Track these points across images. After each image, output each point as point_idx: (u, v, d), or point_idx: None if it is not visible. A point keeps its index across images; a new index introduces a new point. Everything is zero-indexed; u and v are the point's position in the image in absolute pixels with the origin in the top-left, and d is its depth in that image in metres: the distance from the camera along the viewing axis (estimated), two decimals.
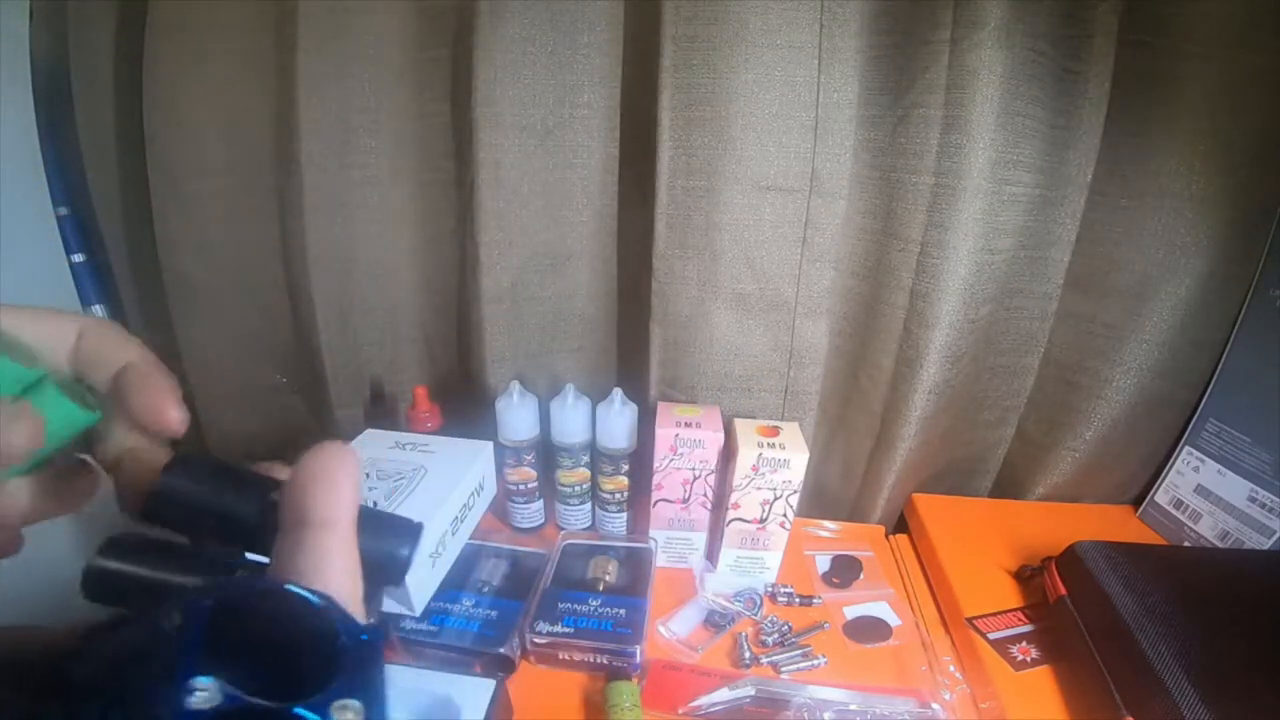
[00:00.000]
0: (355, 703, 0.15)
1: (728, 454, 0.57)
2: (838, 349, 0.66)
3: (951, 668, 0.51)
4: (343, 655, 0.15)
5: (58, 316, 0.22)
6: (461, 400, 0.71)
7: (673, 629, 0.54)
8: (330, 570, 0.17)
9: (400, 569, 0.21)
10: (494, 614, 0.51)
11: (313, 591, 0.16)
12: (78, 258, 0.71)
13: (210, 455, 0.21)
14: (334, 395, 0.72)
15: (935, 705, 0.47)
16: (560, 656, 0.50)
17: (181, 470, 0.20)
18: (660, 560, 0.60)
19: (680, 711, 0.47)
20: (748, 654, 0.52)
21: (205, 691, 0.13)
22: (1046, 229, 0.60)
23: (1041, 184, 0.57)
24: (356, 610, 0.17)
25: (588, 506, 0.64)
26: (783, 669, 0.51)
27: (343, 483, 0.19)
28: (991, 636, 0.52)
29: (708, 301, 0.62)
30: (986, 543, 0.62)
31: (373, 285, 0.69)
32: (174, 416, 0.21)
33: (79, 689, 0.14)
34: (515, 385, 0.60)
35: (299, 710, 0.14)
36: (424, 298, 0.71)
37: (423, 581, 0.49)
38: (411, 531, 0.22)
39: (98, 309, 0.73)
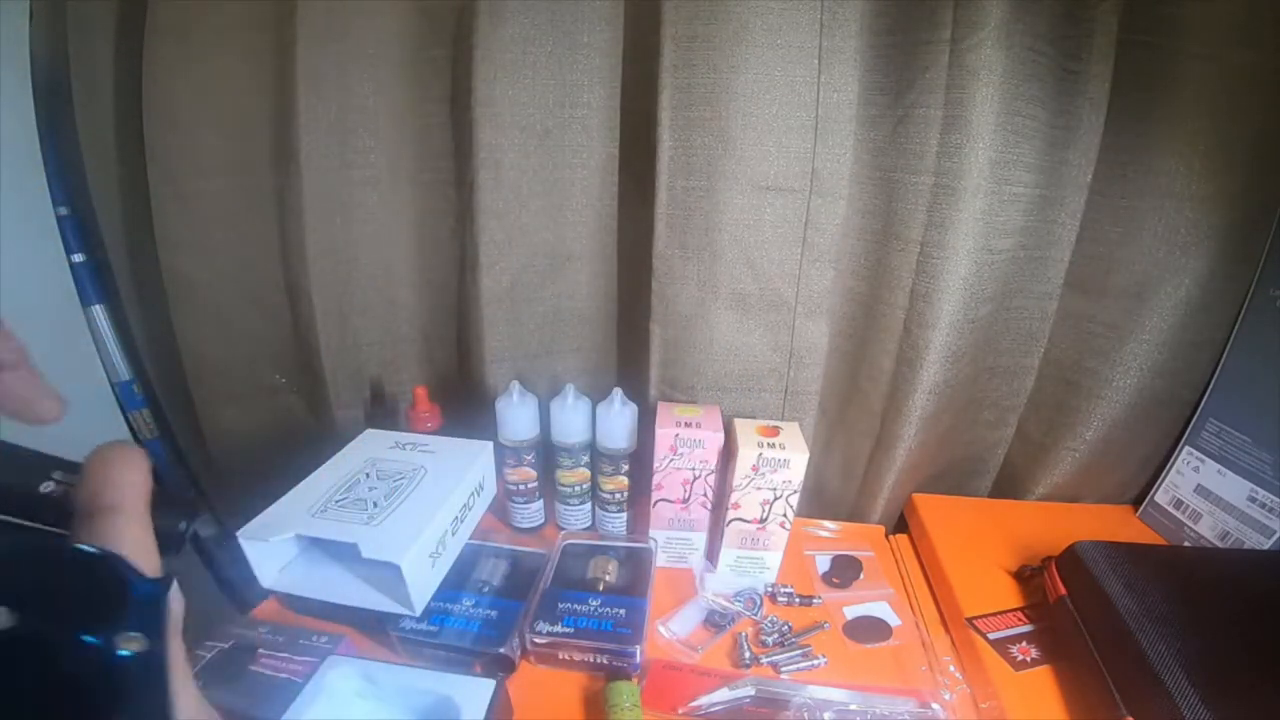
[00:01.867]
0: (138, 634, 0.18)
1: (728, 454, 0.57)
2: (838, 349, 0.66)
3: (951, 668, 0.51)
4: (131, 600, 0.18)
5: None
6: (461, 400, 0.71)
7: (673, 629, 0.54)
8: (125, 545, 0.20)
9: (179, 539, 0.25)
10: (494, 614, 0.51)
11: (98, 547, 0.19)
12: (78, 258, 0.71)
13: None
14: (334, 395, 0.72)
15: (935, 705, 0.47)
16: (560, 656, 0.50)
17: None
18: (660, 560, 0.60)
19: (680, 711, 0.47)
20: (748, 654, 0.52)
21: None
22: (1046, 229, 0.60)
23: (1041, 184, 0.57)
24: (154, 574, 0.20)
25: (588, 506, 0.64)
26: (783, 669, 0.51)
27: (132, 472, 0.21)
28: (991, 636, 0.51)
29: (708, 301, 0.62)
30: (986, 543, 0.62)
31: (372, 285, 0.69)
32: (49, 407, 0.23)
33: None
34: (515, 385, 0.60)
35: (83, 635, 0.17)
36: (424, 298, 0.71)
37: (423, 581, 0.49)
38: (188, 507, 0.26)
39: (98, 309, 0.73)
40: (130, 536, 0.20)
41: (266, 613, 0.53)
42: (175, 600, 0.22)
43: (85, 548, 0.19)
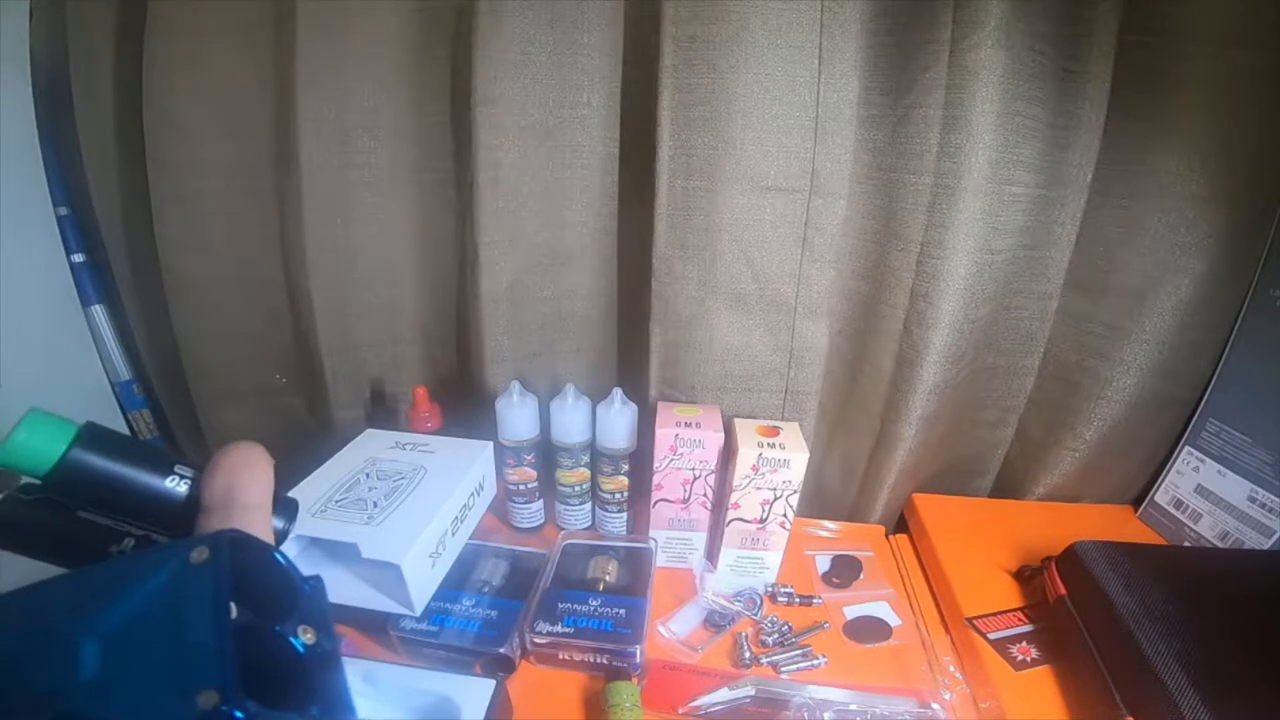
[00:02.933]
0: (311, 627, 0.19)
1: (728, 454, 0.57)
2: (838, 349, 0.66)
3: (951, 668, 0.51)
4: (301, 595, 0.20)
5: None
6: (461, 400, 0.71)
7: (673, 629, 0.54)
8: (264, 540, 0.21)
9: (279, 539, 0.26)
10: (494, 614, 0.51)
11: (283, 554, 0.21)
12: (78, 258, 0.71)
13: (113, 430, 0.24)
14: (334, 395, 0.72)
15: (935, 705, 0.47)
16: (560, 656, 0.50)
17: (93, 441, 0.23)
18: (660, 560, 0.60)
19: (680, 711, 0.47)
20: (748, 654, 0.52)
21: (235, 612, 0.18)
22: (1046, 229, 0.60)
23: (1041, 184, 0.57)
24: None
25: (588, 506, 0.64)
26: (783, 669, 0.51)
27: (263, 473, 0.23)
28: (991, 636, 0.52)
29: (708, 301, 0.62)
30: (986, 543, 0.62)
31: (372, 285, 0.69)
32: None
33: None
34: (515, 385, 0.60)
35: (279, 629, 0.19)
36: (424, 298, 0.71)
37: (423, 581, 0.49)
38: (291, 508, 0.28)
39: (98, 309, 0.73)
40: (267, 533, 0.22)
41: None
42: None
43: (278, 555, 0.21)
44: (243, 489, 0.22)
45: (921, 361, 0.59)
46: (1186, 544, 0.61)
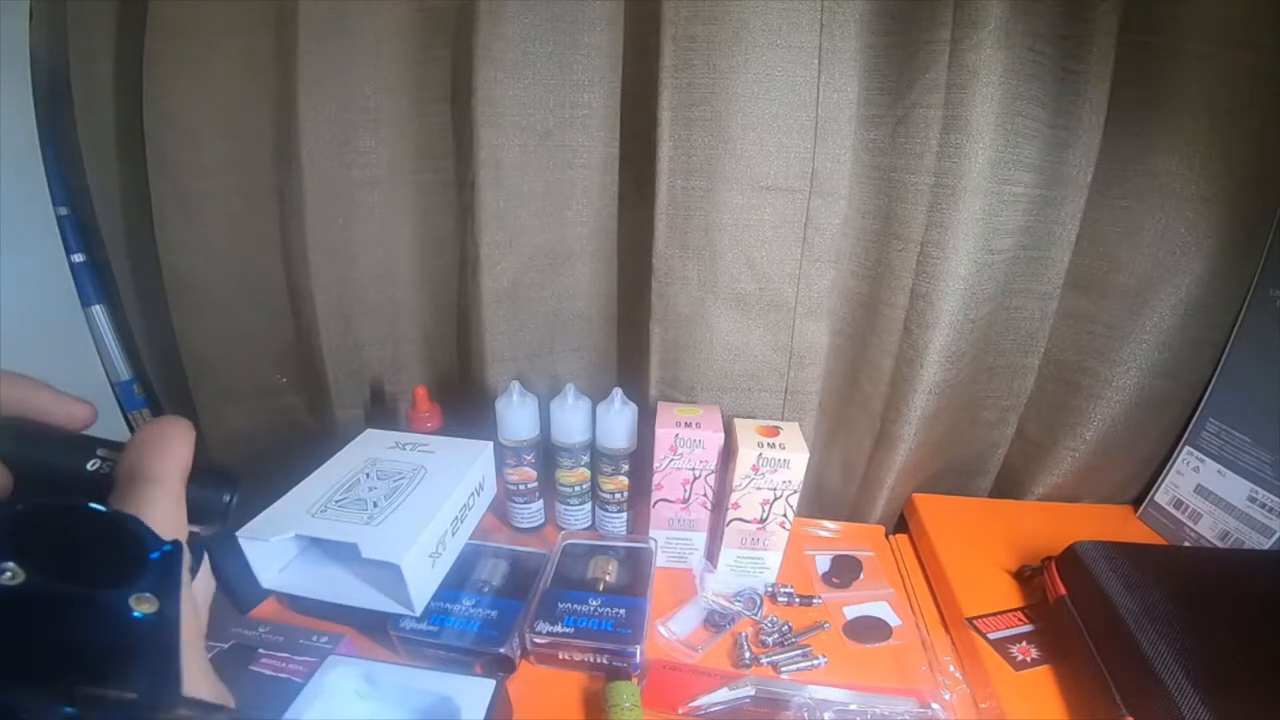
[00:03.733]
0: (151, 595, 0.18)
1: (728, 454, 0.57)
2: (838, 349, 0.66)
3: (951, 668, 0.51)
4: (146, 562, 0.19)
5: None
6: (461, 400, 0.71)
7: (673, 629, 0.54)
8: (154, 514, 0.21)
9: (222, 511, 0.26)
10: (494, 614, 0.51)
11: (109, 508, 0.20)
12: (78, 258, 0.71)
13: (27, 422, 0.24)
14: (334, 395, 0.72)
15: (935, 705, 0.47)
16: (560, 656, 0.50)
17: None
18: (660, 560, 0.60)
19: (680, 711, 0.47)
20: (748, 654, 0.52)
21: (8, 572, 0.16)
22: (1046, 229, 0.60)
23: (1041, 184, 0.57)
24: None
25: (588, 506, 0.64)
26: (783, 669, 0.51)
27: (176, 447, 0.23)
28: (991, 636, 0.51)
29: (708, 301, 0.62)
30: (986, 543, 0.62)
31: (373, 285, 0.69)
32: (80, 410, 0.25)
33: None
34: (515, 385, 0.60)
35: (97, 593, 0.17)
36: (424, 298, 0.71)
37: (423, 581, 0.49)
38: (229, 480, 0.27)
39: (98, 309, 0.73)
40: (161, 507, 0.21)
41: (266, 613, 0.53)
42: (204, 578, 0.23)
43: (96, 507, 0.19)
44: (149, 463, 0.22)
45: (921, 361, 0.59)
46: (1186, 544, 0.61)
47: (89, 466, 0.24)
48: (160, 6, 0.59)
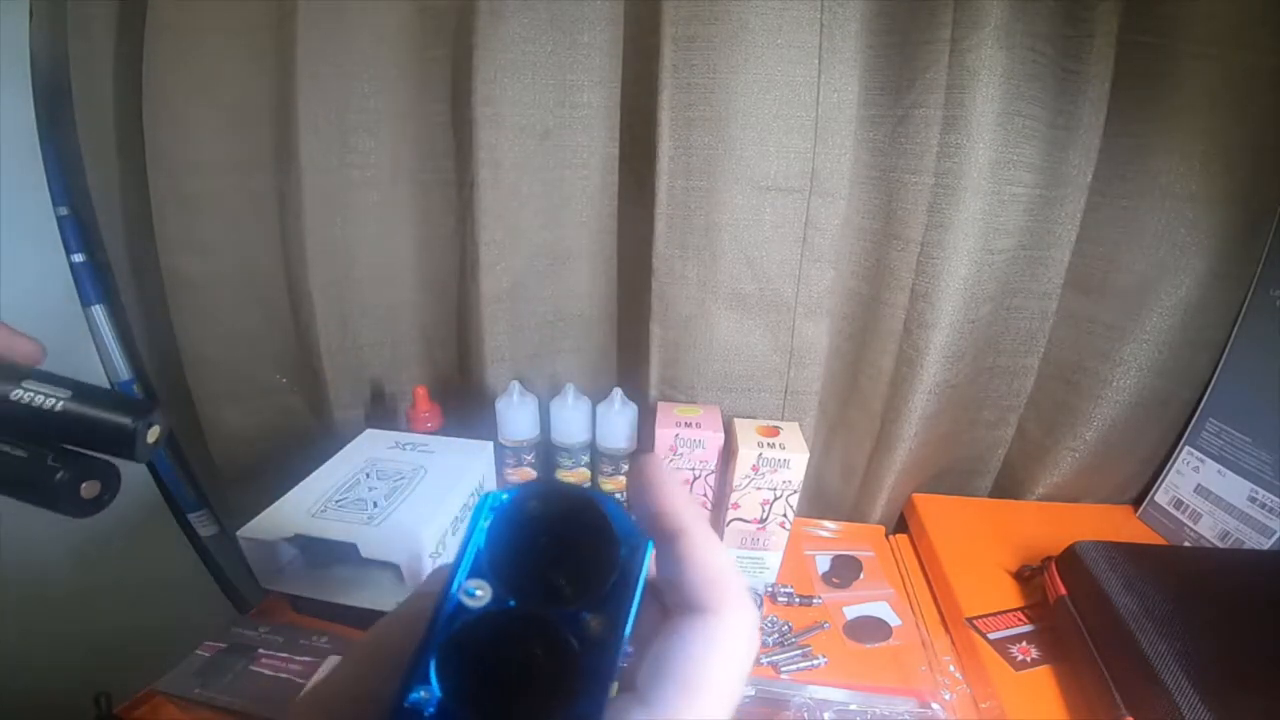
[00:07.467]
0: (602, 617, 0.15)
1: (728, 454, 0.57)
2: (838, 349, 0.66)
3: (951, 668, 0.51)
4: (615, 566, 0.16)
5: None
6: (461, 400, 0.71)
7: None
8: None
9: (126, 442, 0.27)
10: None
11: (614, 501, 0.17)
12: (78, 258, 0.71)
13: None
14: (334, 395, 0.72)
15: (935, 705, 0.47)
16: None
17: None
18: None
19: None
20: None
21: (480, 592, 0.15)
22: (1046, 229, 0.60)
23: (1041, 184, 0.57)
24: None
25: None
26: (783, 669, 0.51)
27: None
28: (991, 636, 0.51)
29: (708, 301, 0.62)
30: (986, 543, 0.62)
31: (373, 285, 0.69)
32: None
33: None
34: (515, 385, 0.60)
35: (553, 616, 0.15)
36: (424, 298, 0.71)
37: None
38: (139, 408, 0.27)
39: (98, 309, 0.73)
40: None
41: (266, 613, 0.53)
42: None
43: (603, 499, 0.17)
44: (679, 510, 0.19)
45: (921, 361, 0.59)
46: (1186, 544, 0.61)
47: (11, 395, 0.25)
48: (160, 6, 0.59)
